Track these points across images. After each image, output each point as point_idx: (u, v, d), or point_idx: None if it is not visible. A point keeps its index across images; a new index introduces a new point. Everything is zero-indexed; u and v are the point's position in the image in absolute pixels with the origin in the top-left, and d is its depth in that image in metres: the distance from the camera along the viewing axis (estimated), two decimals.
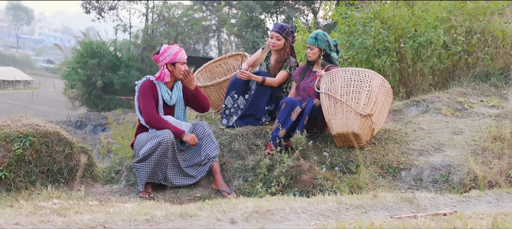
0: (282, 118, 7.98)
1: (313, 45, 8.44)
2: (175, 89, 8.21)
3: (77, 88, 48.77)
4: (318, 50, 8.44)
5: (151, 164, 7.67)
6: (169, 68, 8.06)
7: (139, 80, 8.21)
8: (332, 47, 8.49)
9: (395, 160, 7.71)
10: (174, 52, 8.06)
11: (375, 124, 7.73)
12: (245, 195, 7.50)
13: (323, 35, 8.42)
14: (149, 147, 7.61)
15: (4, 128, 7.86)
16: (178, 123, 7.99)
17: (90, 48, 46.47)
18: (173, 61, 8.04)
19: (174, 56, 8.04)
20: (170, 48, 8.12)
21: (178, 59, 8.05)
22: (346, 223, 4.79)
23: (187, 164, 8.02)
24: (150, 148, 7.60)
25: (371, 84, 7.69)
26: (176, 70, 8.09)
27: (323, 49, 8.42)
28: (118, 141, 17.86)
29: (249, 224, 4.98)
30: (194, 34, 50.34)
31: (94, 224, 4.76)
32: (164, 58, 8.05)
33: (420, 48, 11.16)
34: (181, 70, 8.09)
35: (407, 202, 5.79)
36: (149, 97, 7.93)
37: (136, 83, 8.16)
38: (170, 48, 8.12)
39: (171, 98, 8.10)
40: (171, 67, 8.06)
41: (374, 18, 11.72)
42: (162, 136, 7.62)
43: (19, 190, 7.57)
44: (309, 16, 39.30)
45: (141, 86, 8.03)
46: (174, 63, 8.05)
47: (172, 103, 8.14)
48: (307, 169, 7.53)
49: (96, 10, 50.60)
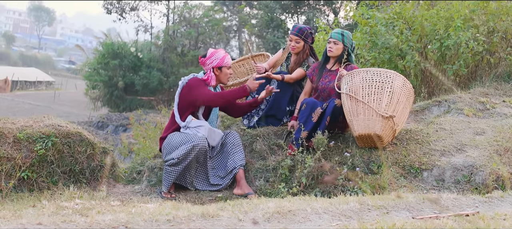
0: (303, 119, 7.95)
1: (339, 40, 8.37)
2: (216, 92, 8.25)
3: (98, 88, 48.87)
4: (343, 47, 8.38)
5: (183, 169, 7.68)
6: (215, 72, 8.13)
7: (185, 77, 8.20)
8: (353, 48, 8.47)
9: (417, 160, 7.67)
10: (221, 56, 8.13)
11: (397, 125, 7.69)
12: (266, 195, 7.50)
13: (348, 34, 8.40)
14: (182, 152, 7.61)
15: (27, 129, 7.91)
16: (212, 132, 8.00)
17: (112, 49, 46.54)
18: (220, 65, 8.11)
19: (221, 60, 8.10)
20: (217, 52, 8.18)
21: (225, 64, 8.14)
22: (368, 224, 4.78)
23: (214, 173, 8.05)
24: (183, 154, 7.61)
25: (393, 85, 7.64)
26: (222, 74, 8.17)
27: (346, 47, 8.38)
28: (139, 142, 17.88)
29: (271, 224, 4.98)
30: (215, 34, 50.29)
31: (116, 224, 4.78)
32: (211, 62, 8.11)
33: (447, 50, 11.08)
34: (227, 74, 8.15)
35: (429, 202, 5.76)
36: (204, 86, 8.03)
37: (182, 80, 8.15)
38: (217, 52, 8.18)
39: None
40: (217, 71, 8.15)
41: (397, 19, 11.67)
42: (197, 141, 7.63)
43: (41, 190, 7.62)
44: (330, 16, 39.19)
45: (191, 81, 8.04)
46: (220, 67, 8.14)
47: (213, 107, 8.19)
48: (328, 169, 7.51)
49: (117, 11, 50.71)
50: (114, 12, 50.55)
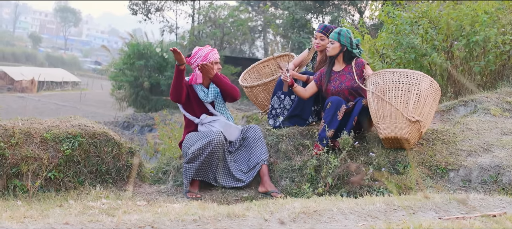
0: (328, 118, 7.93)
1: (334, 39, 8.33)
2: (211, 86, 8.27)
3: (124, 89, 49.04)
4: (339, 45, 8.33)
5: (199, 164, 7.71)
6: (201, 69, 8.13)
7: None
8: (353, 45, 8.40)
9: (443, 160, 7.62)
10: (204, 53, 8.17)
11: (423, 127, 7.66)
12: (292, 195, 7.49)
13: (346, 32, 8.33)
14: (198, 146, 7.66)
15: (53, 129, 7.96)
16: (228, 126, 8.04)
17: (137, 49, 46.68)
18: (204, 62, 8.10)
19: (204, 57, 8.14)
20: (201, 49, 8.24)
21: (208, 60, 8.12)
22: (394, 224, 4.76)
23: (236, 167, 8.06)
24: (199, 148, 7.65)
25: (420, 87, 7.57)
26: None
27: (344, 45, 8.34)
28: (165, 142, 17.94)
29: (297, 224, 4.97)
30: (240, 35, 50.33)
31: (142, 224, 4.79)
32: (195, 60, 8.16)
33: (475, 46, 11.02)
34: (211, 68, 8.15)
35: (456, 203, 5.73)
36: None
37: None
38: (201, 49, 8.24)
39: (207, 96, 8.17)
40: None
41: (422, 17, 11.63)
42: (212, 136, 7.67)
43: (68, 190, 7.67)
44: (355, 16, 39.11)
45: None
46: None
47: (209, 100, 8.21)
48: (354, 170, 7.49)
49: (143, 12, 50.93)
50: (140, 12, 50.81)
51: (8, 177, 7.48)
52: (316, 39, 8.96)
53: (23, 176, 7.53)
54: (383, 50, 12.51)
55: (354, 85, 8.16)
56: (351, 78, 8.22)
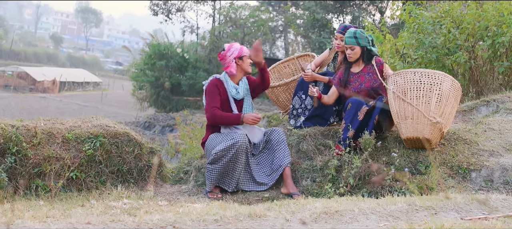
0: (349, 118, 7.90)
1: (354, 44, 8.27)
2: (241, 83, 8.28)
3: (145, 89, 49.17)
4: (360, 49, 8.29)
5: (223, 166, 7.71)
6: (237, 62, 8.15)
7: (206, 80, 8.30)
8: (371, 42, 8.35)
9: (465, 161, 7.59)
10: (239, 46, 8.21)
11: (445, 127, 7.62)
12: (313, 195, 7.49)
13: (361, 32, 8.25)
14: (222, 147, 7.66)
15: (75, 129, 8.01)
16: (252, 128, 8.04)
17: (158, 50, 46.79)
18: (240, 55, 8.16)
19: (240, 50, 8.18)
20: (233, 44, 8.29)
21: (244, 54, 8.16)
22: (416, 225, 4.74)
23: (259, 170, 8.05)
24: (223, 149, 7.65)
25: (441, 87, 7.51)
26: (244, 63, 8.19)
27: (364, 46, 8.29)
28: (186, 142, 17.99)
29: (318, 224, 4.96)
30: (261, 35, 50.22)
31: (164, 224, 4.80)
32: (232, 53, 8.16)
33: (500, 47, 10.96)
34: (248, 63, 8.20)
35: (478, 203, 5.70)
36: (214, 95, 8.04)
37: (204, 83, 8.25)
38: (233, 44, 8.29)
39: (238, 92, 8.16)
40: (239, 61, 8.16)
41: (444, 17, 11.58)
42: (236, 138, 7.67)
43: (90, 190, 7.71)
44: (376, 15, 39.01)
45: (207, 85, 8.14)
46: (241, 57, 8.15)
47: (240, 97, 8.19)
48: (376, 170, 7.48)
49: (163, 12, 50.99)
50: (161, 13, 50.87)
51: (31, 177, 7.52)
52: (337, 39, 8.94)
53: (45, 176, 7.57)
54: (404, 50, 12.47)
55: (374, 85, 8.14)
56: (370, 79, 8.19)
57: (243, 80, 8.34)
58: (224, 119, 7.93)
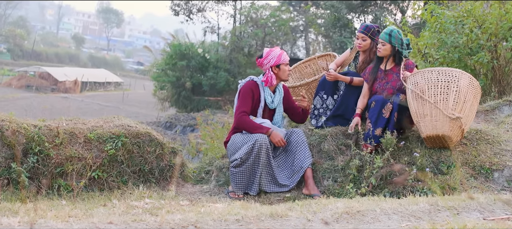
0: (374, 116, 7.90)
1: (385, 41, 8.29)
2: (277, 92, 8.28)
3: (166, 89, 49.22)
4: (390, 47, 8.28)
5: (247, 169, 7.71)
6: (274, 70, 8.12)
7: (243, 80, 8.27)
8: (404, 45, 8.34)
9: (487, 161, 7.55)
10: (277, 54, 8.15)
11: (464, 124, 7.58)
12: (335, 195, 7.48)
13: (397, 32, 8.25)
14: (244, 151, 7.69)
15: (97, 129, 8.04)
16: (274, 129, 8.02)
17: (179, 50, 46.81)
18: (278, 63, 8.12)
19: (278, 58, 8.12)
20: (272, 50, 8.21)
21: (282, 61, 8.13)
22: (439, 225, 4.73)
23: (280, 172, 8.04)
24: (245, 153, 7.67)
25: (459, 84, 7.50)
26: (281, 71, 8.16)
27: (395, 46, 8.28)
28: (207, 142, 18.01)
29: (340, 225, 4.96)
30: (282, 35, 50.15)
31: (186, 223, 4.81)
32: (268, 61, 8.13)
33: None
34: (285, 70, 8.15)
35: (501, 203, 5.67)
36: (247, 98, 8.01)
37: (240, 82, 8.24)
38: (272, 50, 8.21)
39: (272, 102, 8.16)
40: (276, 70, 8.13)
41: (466, 17, 11.52)
42: (257, 137, 7.67)
43: (111, 189, 7.74)
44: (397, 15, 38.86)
45: (242, 86, 8.11)
46: (278, 65, 8.13)
47: (274, 107, 8.20)
48: (397, 170, 7.45)
49: (184, 12, 51.01)
50: (182, 13, 50.87)
51: (53, 176, 7.57)
52: (358, 39, 8.91)
53: (67, 176, 7.62)
54: (425, 49, 12.41)
55: (399, 86, 8.12)
56: (397, 79, 8.17)
57: (279, 89, 8.34)
58: (251, 128, 7.92)
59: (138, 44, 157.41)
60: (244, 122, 7.92)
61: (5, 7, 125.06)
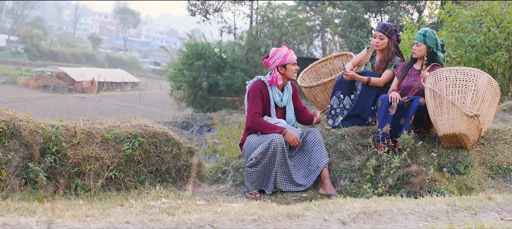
0: (381, 115, 7.97)
1: (420, 42, 8.30)
2: (286, 91, 8.27)
3: (183, 89, 49.24)
4: (425, 47, 8.30)
5: (263, 169, 7.71)
6: (280, 70, 8.12)
7: (250, 80, 8.28)
8: (439, 46, 8.34)
9: (505, 160, 7.52)
10: (283, 54, 8.12)
11: (482, 124, 7.55)
12: (352, 195, 7.47)
13: (431, 33, 8.27)
14: (260, 151, 7.68)
15: (114, 129, 8.06)
16: (289, 129, 8.00)
17: (196, 50, 46.82)
18: (284, 63, 8.10)
19: (284, 58, 8.10)
20: (279, 50, 8.18)
21: (288, 61, 8.11)
22: (456, 225, 4.71)
23: (296, 172, 8.03)
24: (261, 153, 7.67)
25: (477, 83, 7.49)
26: (288, 71, 8.14)
27: (430, 47, 8.28)
28: (223, 142, 18.02)
29: (357, 224, 4.95)
30: (298, 34, 50.11)
31: (202, 223, 4.82)
32: (274, 61, 8.12)
33: None
34: (292, 70, 8.14)
35: None
36: (256, 99, 8.01)
37: (247, 83, 8.24)
38: (279, 50, 8.18)
39: (281, 100, 8.15)
40: (282, 69, 8.13)
41: (484, 16, 11.48)
42: (272, 137, 7.66)
43: (128, 189, 7.75)
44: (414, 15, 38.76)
45: (250, 87, 8.11)
46: (284, 65, 8.12)
47: (283, 105, 8.19)
48: (415, 170, 7.43)
49: (201, 13, 51.03)
50: (198, 13, 50.90)
51: (70, 176, 7.60)
52: (375, 37, 8.90)
53: (84, 176, 7.64)
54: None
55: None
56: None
57: (288, 88, 8.34)
58: (265, 128, 7.91)
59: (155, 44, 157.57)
60: (258, 124, 7.92)
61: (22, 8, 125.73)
